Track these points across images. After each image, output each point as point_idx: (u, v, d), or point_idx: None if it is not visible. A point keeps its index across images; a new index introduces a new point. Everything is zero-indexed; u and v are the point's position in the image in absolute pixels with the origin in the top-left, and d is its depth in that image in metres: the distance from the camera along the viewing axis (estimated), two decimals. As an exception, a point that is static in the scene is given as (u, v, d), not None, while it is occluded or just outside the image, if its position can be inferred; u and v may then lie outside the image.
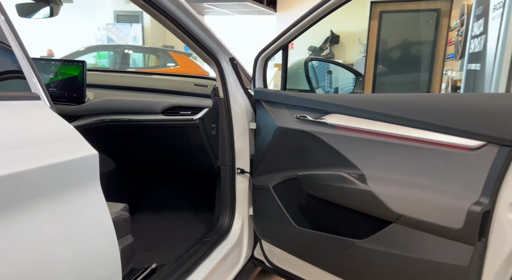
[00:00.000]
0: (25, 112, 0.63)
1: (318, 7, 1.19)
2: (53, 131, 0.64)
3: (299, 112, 1.24)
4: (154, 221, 1.82)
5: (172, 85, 1.64)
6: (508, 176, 0.89)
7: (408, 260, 1.03)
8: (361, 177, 1.10)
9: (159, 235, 1.69)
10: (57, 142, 0.64)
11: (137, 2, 1.14)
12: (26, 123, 0.62)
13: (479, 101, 0.96)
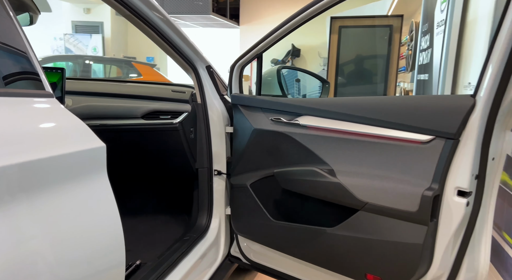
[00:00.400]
0: (42, 107, 0.69)
1: (289, 20, 1.32)
2: (66, 125, 0.72)
3: (274, 115, 1.37)
4: (132, 224, 1.85)
5: (151, 91, 1.71)
6: (453, 165, 1.06)
7: (372, 242, 1.17)
8: (330, 171, 1.23)
9: (138, 236, 1.73)
10: (70, 133, 0.71)
11: (123, 13, 1.22)
12: (43, 116, 0.69)
13: (428, 102, 1.13)
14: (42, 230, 0.62)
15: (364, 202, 1.16)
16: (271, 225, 1.41)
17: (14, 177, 0.58)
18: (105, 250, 0.77)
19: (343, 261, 1.26)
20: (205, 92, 1.58)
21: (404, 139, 1.12)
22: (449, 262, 1.13)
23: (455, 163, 1.05)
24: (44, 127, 0.68)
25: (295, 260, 1.46)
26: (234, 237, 1.70)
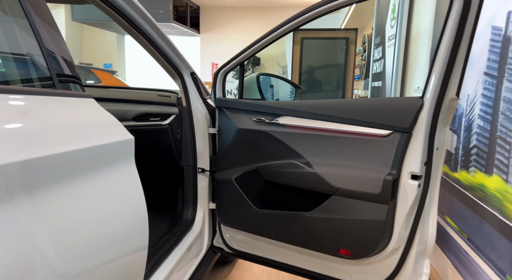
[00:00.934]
0: (84, 106, 0.83)
1: (267, 35, 1.51)
2: (105, 120, 0.85)
3: (256, 116, 1.55)
4: None
5: (139, 96, 1.82)
6: (407, 154, 1.30)
7: (344, 221, 1.38)
8: (307, 163, 1.44)
9: None
10: (108, 127, 0.85)
11: (123, 24, 1.35)
12: (87, 113, 0.82)
13: (387, 102, 1.37)
14: (94, 202, 0.75)
15: (336, 188, 1.37)
16: (255, 213, 1.58)
17: (73, 160, 0.71)
18: (135, 220, 0.91)
19: (319, 240, 1.46)
20: (190, 97, 1.73)
21: (368, 134, 1.35)
22: (405, 235, 1.37)
23: (409, 152, 1.30)
24: (90, 122, 0.81)
25: (274, 245, 1.64)
26: (216, 230, 1.85)
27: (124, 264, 0.87)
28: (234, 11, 8.67)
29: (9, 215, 0.55)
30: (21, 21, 0.74)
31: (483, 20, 1.76)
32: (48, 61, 0.78)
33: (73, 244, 0.70)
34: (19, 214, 0.57)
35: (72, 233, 0.71)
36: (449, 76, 1.21)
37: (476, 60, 1.81)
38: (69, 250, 0.68)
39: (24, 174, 0.58)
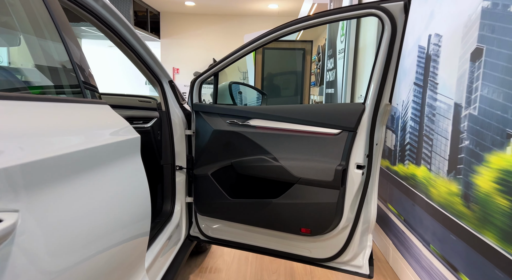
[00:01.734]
0: (103, 111, 1.04)
1: (237, 51, 1.77)
2: (116, 123, 1.07)
3: (230, 118, 1.81)
4: None
5: (123, 101, 2.01)
6: (353, 148, 1.62)
7: (304, 205, 1.68)
8: (274, 158, 1.72)
9: None
10: (120, 127, 1.07)
11: (114, 40, 1.55)
12: (105, 116, 1.04)
13: (338, 107, 1.68)
14: (110, 188, 0.96)
15: (298, 177, 1.66)
16: (229, 203, 1.84)
17: (101, 153, 0.93)
18: (141, 203, 1.13)
19: (284, 222, 1.74)
20: (168, 102, 1.95)
21: (322, 133, 1.66)
22: (352, 216, 1.69)
23: (354, 147, 1.62)
24: (109, 123, 1.03)
25: (244, 230, 1.90)
26: (192, 221, 2.08)
27: (135, 240, 1.09)
28: (194, 17, 8.85)
29: (57, 195, 0.75)
30: (58, 44, 0.95)
31: (411, 40, 2.16)
32: (78, 74, 0.99)
33: (99, 221, 0.91)
34: (62, 195, 0.77)
35: (99, 211, 0.92)
36: (383, 86, 1.54)
37: (408, 72, 2.20)
38: (96, 227, 0.89)
39: (66, 164, 0.78)
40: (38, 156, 0.67)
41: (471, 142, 1.50)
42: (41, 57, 0.97)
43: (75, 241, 0.76)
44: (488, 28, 1.40)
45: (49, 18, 0.93)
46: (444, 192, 1.70)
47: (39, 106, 0.78)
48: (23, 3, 0.90)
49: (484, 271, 1.38)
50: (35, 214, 0.64)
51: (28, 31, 0.92)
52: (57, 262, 0.69)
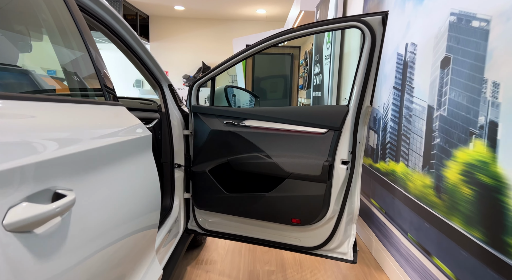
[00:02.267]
0: (121, 112, 1.19)
1: (232, 58, 1.94)
2: (132, 122, 1.22)
3: (226, 119, 1.97)
4: None
5: (126, 104, 2.15)
6: (339, 146, 1.79)
7: (295, 198, 1.85)
8: (267, 155, 1.88)
9: None
10: (135, 126, 1.22)
11: (122, 48, 1.70)
12: (123, 116, 1.19)
13: (325, 109, 1.86)
14: (132, 177, 1.11)
15: (289, 172, 1.83)
16: (226, 197, 1.99)
17: (113, 150, 1.08)
18: (152, 194, 1.27)
19: (277, 213, 1.90)
20: (168, 104, 2.10)
21: (311, 132, 1.83)
22: (337, 207, 1.87)
23: (339, 144, 1.80)
24: (127, 122, 1.18)
25: (239, 223, 2.06)
26: (189, 216, 2.22)
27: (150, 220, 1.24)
28: (184, 21, 8.98)
29: (96, 179, 0.90)
30: (85, 54, 1.10)
31: (391, 48, 2.36)
32: (101, 80, 1.14)
33: (126, 201, 1.06)
34: (100, 179, 0.91)
35: (126, 194, 1.07)
36: (365, 90, 1.73)
37: (388, 77, 2.40)
38: (124, 205, 1.04)
39: (100, 155, 0.93)
40: (82, 147, 0.82)
41: (441, 139, 1.69)
42: (74, 65, 1.12)
43: (109, 216, 0.91)
44: (454, 39, 1.60)
45: (78, 32, 1.08)
46: (419, 185, 1.90)
47: (74, 107, 0.93)
48: (55, 19, 1.05)
49: (452, 252, 1.57)
50: (83, 193, 0.79)
51: (60, 43, 1.07)
52: (97, 230, 0.84)
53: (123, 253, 1.02)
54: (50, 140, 0.72)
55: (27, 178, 0.62)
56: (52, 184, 0.69)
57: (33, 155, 0.64)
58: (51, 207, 0.63)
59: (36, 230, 0.63)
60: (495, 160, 1.30)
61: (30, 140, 0.66)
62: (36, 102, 0.77)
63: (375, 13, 1.60)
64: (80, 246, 0.76)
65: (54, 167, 0.70)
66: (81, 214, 0.77)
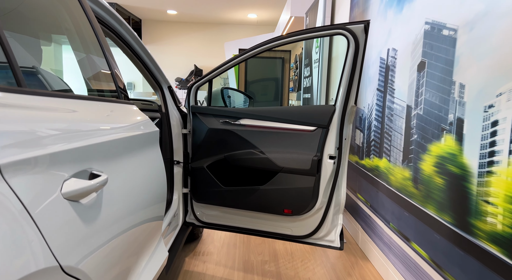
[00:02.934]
0: (133, 110, 1.34)
1: (227, 62, 2.10)
2: (143, 118, 1.37)
3: (223, 118, 2.13)
4: None
5: (128, 104, 2.29)
6: (326, 142, 1.97)
7: (287, 190, 2.01)
8: (261, 151, 2.05)
9: None
10: (144, 123, 1.37)
11: (127, 52, 1.85)
12: (135, 114, 1.34)
13: (314, 108, 2.03)
14: (146, 167, 1.26)
15: (281, 167, 2.00)
16: (223, 190, 2.15)
17: (130, 141, 1.23)
18: (160, 183, 1.42)
19: (270, 204, 2.07)
20: (168, 105, 2.25)
21: (301, 130, 2.00)
22: (325, 199, 2.04)
23: (327, 141, 1.97)
24: (138, 119, 1.33)
25: (234, 215, 2.22)
26: (188, 210, 2.37)
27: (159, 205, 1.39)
28: (176, 25, 9.11)
29: (121, 165, 1.05)
30: (101, 59, 1.25)
31: (375, 52, 2.55)
32: (115, 82, 1.29)
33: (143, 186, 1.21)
34: (124, 165, 1.06)
35: (138, 182, 1.22)
36: (350, 91, 1.90)
37: (372, 80, 2.59)
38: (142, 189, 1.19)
39: (123, 144, 1.09)
40: (109, 137, 0.97)
41: (418, 135, 1.88)
42: (95, 69, 1.27)
43: (129, 198, 1.06)
44: (429, 46, 1.79)
45: (97, 41, 1.23)
46: (400, 178, 2.08)
47: (100, 104, 1.08)
48: (77, 31, 1.20)
49: (427, 236, 1.75)
50: (110, 176, 0.94)
51: (82, 51, 1.22)
52: (120, 208, 0.99)
53: (139, 232, 1.17)
54: (87, 131, 0.87)
55: (74, 159, 0.77)
56: (89, 166, 0.84)
57: (76, 142, 0.79)
58: (92, 182, 0.78)
59: (82, 200, 0.78)
60: (461, 151, 1.48)
61: (75, 128, 0.82)
62: (75, 100, 0.92)
63: (358, 22, 1.78)
64: (108, 218, 0.91)
65: (90, 152, 0.85)
66: (109, 193, 0.92)
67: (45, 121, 0.73)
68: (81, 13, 1.18)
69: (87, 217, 0.79)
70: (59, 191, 0.70)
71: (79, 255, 0.73)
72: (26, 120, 0.67)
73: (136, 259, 1.16)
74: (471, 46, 1.45)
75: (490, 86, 1.32)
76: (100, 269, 0.84)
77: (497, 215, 1.26)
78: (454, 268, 1.51)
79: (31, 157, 0.63)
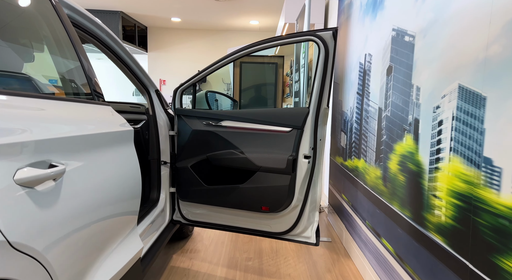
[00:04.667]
0: (105, 111, 1.48)
1: (212, 65, 2.23)
2: (116, 119, 1.50)
3: (205, 120, 2.25)
4: None
5: (117, 107, 2.43)
6: (301, 142, 2.07)
7: (264, 188, 2.12)
8: (241, 151, 2.16)
9: None
10: (119, 122, 1.50)
11: (111, 57, 1.99)
12: (110, 114, 1.47)
13: (290, 110, 2.14)
14: (116, 163, 1.38)
15: (259, 166, 2.11)
16: (205, 189, 2.26)
17: (98, 138, 1.35)
18: (132, 180, 1.55)
19: (249, 202, 2.17)
20: (155, 107, 2.38)
21: (278, 131, 2.11)
22: (301, 197, 2.14)
23: (302, 141, 2.07)
24: (112, 118, 1.46)
25: (218, 213, 2.33)
26: (175, 208, 2.49)
27: (132, 201, 1.51)
28: (180, 32, 9.33)
29: (84, 159, 1.18)
30: (76, 62, 1.38)
31: (355, 58, 2.65)
32: (90, 85, 1.42)
33: (109, 180, 1.33)
34: (88, 160, 1.19)
35: (105, 175, 1.34)
36: (322, 93, 2.01)
37: (353, 84, 2.69)
38: (108, 183, 1.31)
39: (89, 140, 1.21)
40: (73, 133, 1.10)
41: (387, 136, 1.97)
42: (69, 73, 1.40)
43: (93, 188, 1.19)
44: (395, 51, 1.89)
45: (73, 47, 1.37)
46: (373, 177, 2.17)
47: (69, 104, 1.21)
48: (52, 33, 1.33)
49: (392, 231, 1.84)
50: (74, 167, 1.07)
51: (57, 54, 1.36)
52: (83, 198, 1.11)
53: (104, 222, 1.29)
54: (50, 125, 1.00)
55: (31, 150, 0.90)
56: (48, 157, 0.97)
57: (35, 135, 0.92)
58: (46, 171, 0.90)
59: (37, 187, 0.90)
60: (417, 150, 1.58)
61: (35, 124, 0.95)
62: (44, 100, 1.06)
63: (327, 29, 1.90)
64: (68, 205, 1.03)
65: (51, 146, 0.98)
66: (70, 183, 1.05)
67: (9, 117, 0.86)
68: (56, 19, 1.32)
69: (43, 202, 0.91)
70: (11, 177, 0.82)
71: (30, 234, 0.85)
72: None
73: (100, 246, 1.27)
74: (424, 52, 1.55)
75: (437, 89, 1.42)
76: (58, 251, 0.96)
77: (442, 207, 1.35)
78: (412, 259, 1.60)
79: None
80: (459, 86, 1.26)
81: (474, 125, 1.16)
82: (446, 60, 1.36)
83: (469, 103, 1.19)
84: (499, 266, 1.02)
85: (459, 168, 1.24)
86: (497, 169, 1.04)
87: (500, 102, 1.04)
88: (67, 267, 1.02)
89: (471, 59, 1.19)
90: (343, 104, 2.99)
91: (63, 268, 1.00)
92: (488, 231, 1.08)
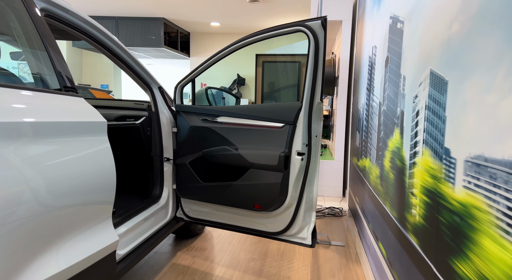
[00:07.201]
0: (76, 101, 1.52)
1: (206, 61, 2.23)
2: (88, 109, 1.54)
3: (203, 116, 2.26)
4: None
5: (120, 104, 2.53)
6: (294, 138, 1.99)
7: (257, 185, 2.07)
8: (235, 148, 2.13)
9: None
10: (89, 113, 1.54)
11: (97, 47, 2.06)
12: (78, 105, 1.52)
13: (283, 105, 2.07)
14: (85, 152, 1.42)
15: (252, 163, 2.06)
16: (201, 186, 2.26)
17: (64, 127, 1.39)
18: (102, 172, 1.57)
19: (242, 199, 2.13)
20: (157, 104, 2.43)
21: (271, 126, 2.05)
22: (296, 195, 2.05)
23: (295, 137, 2.00)
24: (81, 108, 1.50)
25: (217, 211, 2.31)
26: (179, 206, 2.51)
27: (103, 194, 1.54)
28: (221, 37, 9.53)
29: (47, 145, 1.22)
30: (43, 53, 1.45)
31: (366, 52, 2.51)
32: (59, 77, 1.48)
33: (73, 170, 1.37)
34: (50, 146, 1.24)
35: (69, 163, 1.38)
36: (315, 87, 1.92)
37: (364, 80, 2.55)
38: (72, 173, 1.35)
39: (55, 127, 1.26)
40: (42, 118, 1.15)
41: (383, 132, 1.83)
42: (40, 66, 1.48)
43: (54, 177, 1.23)
44: (391, 40, 1.76)
45: (41, 42, 1.43)
46: (374, 176, 2.03)
47: (41, 95, 1.27)
48: (21, 26, 1.41)
49: (385, 234, 1.69)
50: (33, 154, 1.12)
51: (26, 46, 1.43)
52: (30, 185, 1.15)
53: (61, 209, 1.29)
54: (6, 111, 1.06)
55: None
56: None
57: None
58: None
59: None
60: (402, 144, 1.44)
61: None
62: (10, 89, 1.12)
63: (316, 18, 1.82)
64: (11, 189, 1.07)
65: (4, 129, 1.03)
66: (14, 167, 1.09)
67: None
68: (24, 12, 1.39)
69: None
70: None
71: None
72: None
73: (55, 234, 1.26)
74: (409, 38, 1.42)
75: (416, 77, 1.29)
76: (3, 230, 1.00)
77: (416, 206, 1.22)
78: (397, 264, 1.46)
79: None
80: (431, 72, 1.13)
81: (439, 113, 1.03)
82: (423, 44, 1.23)
83: (437, 90, 1.07)
84: (453, 270, 0.89)
85: (428, 161, 1.11)
86: (453, 160, 0.91)
87: (457, 85, 0.92)
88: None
89: (439, 41, 1.07)
90: (358, 102, 2.85)
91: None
92: (446, 230, 0.95)
